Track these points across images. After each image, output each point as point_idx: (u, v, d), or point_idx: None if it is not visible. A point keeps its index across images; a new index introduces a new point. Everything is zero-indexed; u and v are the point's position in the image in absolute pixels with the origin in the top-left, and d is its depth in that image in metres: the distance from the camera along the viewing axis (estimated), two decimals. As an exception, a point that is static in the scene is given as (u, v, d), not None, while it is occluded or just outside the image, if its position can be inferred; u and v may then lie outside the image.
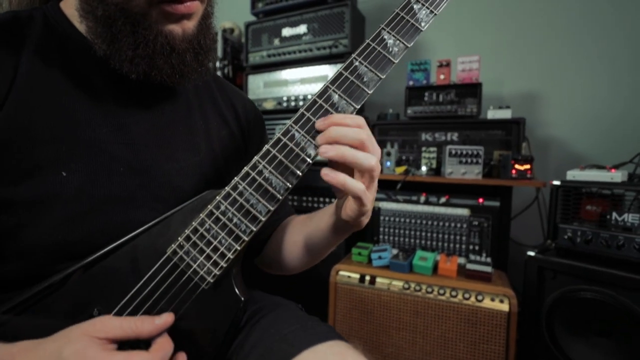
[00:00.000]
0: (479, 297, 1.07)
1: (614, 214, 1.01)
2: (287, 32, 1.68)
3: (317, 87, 1.61)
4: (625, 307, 0.94)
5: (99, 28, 0.39)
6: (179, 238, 0.39)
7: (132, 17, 0.38)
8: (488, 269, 1.13)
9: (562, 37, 1.56)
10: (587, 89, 1.51)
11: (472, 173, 1.28)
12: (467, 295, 1.08)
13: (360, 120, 0.41)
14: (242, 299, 0.40)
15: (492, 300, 1.06)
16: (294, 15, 1.65)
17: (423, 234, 1.36)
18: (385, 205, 1.42)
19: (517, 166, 1.22)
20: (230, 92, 0.60)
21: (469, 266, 1.15)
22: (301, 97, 1.66)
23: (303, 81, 1.66)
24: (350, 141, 0.38)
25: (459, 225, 1.31)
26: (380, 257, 1.25)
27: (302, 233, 0.53)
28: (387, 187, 1.40)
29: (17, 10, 0.43)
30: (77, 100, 0.41)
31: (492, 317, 1.05)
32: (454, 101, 1.45)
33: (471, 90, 1.42)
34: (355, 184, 0.39)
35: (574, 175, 1.10)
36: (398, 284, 1.17)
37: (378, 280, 1.20)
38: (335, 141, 0.38)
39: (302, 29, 1.65)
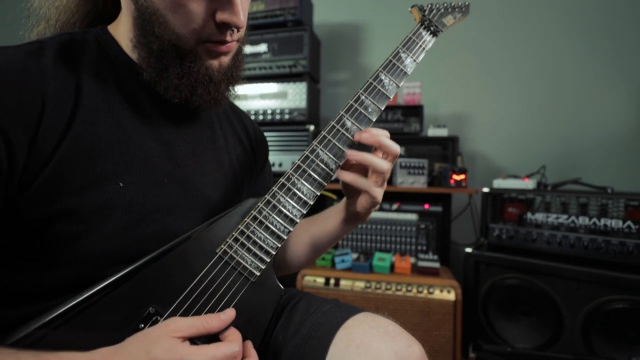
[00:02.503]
0: (431, 290, 1.23)
1: (528, 214, 1.26)
2: (247, 49, 1.75)
3: (275, 103, 1.71)
4: (541, 289, 1.17)
5: (151, 59, 0.44)
6: (228, 239, 0.45)
7: (181, 52, 0.43)
8: (436, 265, 1.31)
9: (484, 66, 1.87)
10: (504, 110, 1.83)
11: (418, 182, 1.47)
12: (420, 289, 1.24)
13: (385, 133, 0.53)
14: (282, 287, 0.47)
15: (441, 291, 1.24)
16: (255, 34, 1.73)
17: (379, 237, 1.51)
18: (344, 213, 1.55)
19: (454, 176, 1.44)
20: (240, 113, 0.67)
21: (420, 264, 1.32)
22: (261, 111, 1.73)
23: (263, 96, 1.74)
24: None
25: (409, 228, 1.49)
26: (343, 261, 1.36)
27: (307, 233, 0.62)
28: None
29: (72, 32, 0.46)
30: (130, 119, 0.45)
31: (442, 306, 1.22)
32: (400, 120, 1.66)
33: (414, 111, 1.64)
34: (369, 183, 0.51)
35: (498, 183, 1.34)
36: (360, 284, 1.29)
37: (342, 282, 1.31)
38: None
39: (262, 47, 1.73)
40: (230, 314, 0.40)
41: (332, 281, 1.32)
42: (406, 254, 1.45)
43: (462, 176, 1.44)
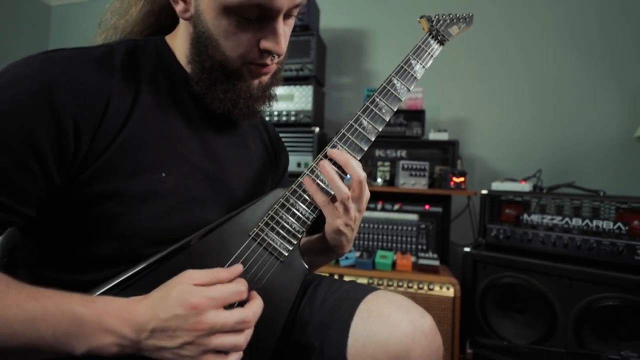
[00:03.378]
0: (431, 286, 1.29)
1: (524, 215, 1.32)
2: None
3: (282, 105, 1.77)
4: (536, 287, 1.22)
5: (203, 74, 0.50)
6: (260, 224, 0.51)
7: (228, 71, 0.49)
8: (436, 262, 1.36)
9: (484, 73, 1.93)
10: (502, 116, 1.89)
11: (420, 184, 1.53)
12: (421, 285, 1.30)
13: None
14: (307, 267, 0.53)
15: (441, 288, 1.29)
16: (263, 39, 1.79)
17: (380, 236, 1.57)
18: (348, 212, 1.61)
19: (454, 179, 1.50)
20: (266, 123, 0.72)
21: (421, 261, 1.38)
22: (268, 113, 1.79)
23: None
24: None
25: (409, 228, 1.55)
26: (346, 258, 1.42)
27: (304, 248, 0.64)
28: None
29: (136, 39, 0.52)
30: (176, 120, 0.51)
31: (442, 302, 1.28)
32: (402, 124, 1.72)
33: (416, 115, 1.70)
34: (343, 186, 0.52)
35: (496, 186, 1.40)
36: (363, 280, 1.35)
37: (346, 278, 1.37)
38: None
39: (270, 51, 1.79)
40: (238, 268, 0.45)
41: (336, 277, 1.37)
42: (407, 253, 1.51)
43: (462, 179, 1.50)
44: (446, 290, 1.29)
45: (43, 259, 0.47)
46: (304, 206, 0.53)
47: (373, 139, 0.59)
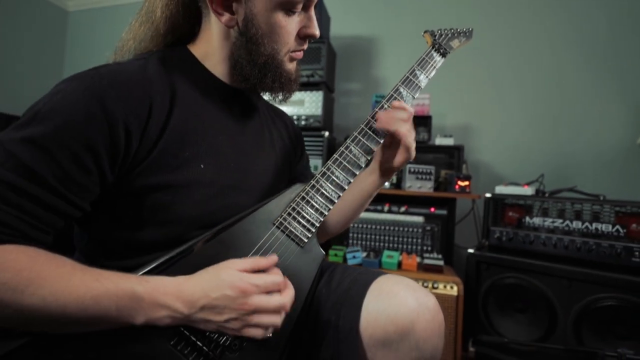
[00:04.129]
0: (435, 285, 1.34)
1: (527, 218, 1.37)
2: (268, 60, 1.88)
3: (293, 109, 1.84)
4: (537, 288, 1.27)
5: (255, 69, 0.57)
6: (282, 214, 0.58)
7: (276, 62, 0.58)
8: (440, 262, 1.42)
9: (489, 80, 1.99)
10: (507, 122, 1.95)
11: (425, 187, 1.58)
12: (426, 284, 1.35)
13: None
14: (324, 253, 0.60)
15: (445, 287, 1.34)
16: (276, 46, 1.86)
17: (386, 237, 1.62)
18: (355, 213, 1.67)
19: (459, 182, 1.56)
20: (279, 111, 0.80)
21: (426, 261, 1.43)
22: (279, 118, 1.86)
23: (281, 103, 1.87)
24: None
25: (415, 229, 1.60)
26: (354, 257, 1.48)
27: (343, 199, 0.72)
28: (357, 198, 1.65)
29: (163, 50, 0.59)
30: (208, 117, 0.58)
31: (445, 300, 1.33)
32: (409, 128, 1.77)
33: (423, 121, 1.76)
34: (409, 136, 0.65)
35: (500, 190, 1.45)
36: (370, 279, 1.40)
37: (353, 276, 1.42)
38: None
39: (282, 58, 1.87)
40: (274, 258, 0.53)
41: (343, 275, 1.43)
42: (413, 253, 1.56)
43: (467, 182, 1.55)
44: (450, 289, 1.34)
45: (97, 245, 0.54)
46: (321, 199, 0.61)
47: (381, 142, 0.66)
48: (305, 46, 0.61)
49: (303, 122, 1.82)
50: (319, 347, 0.58)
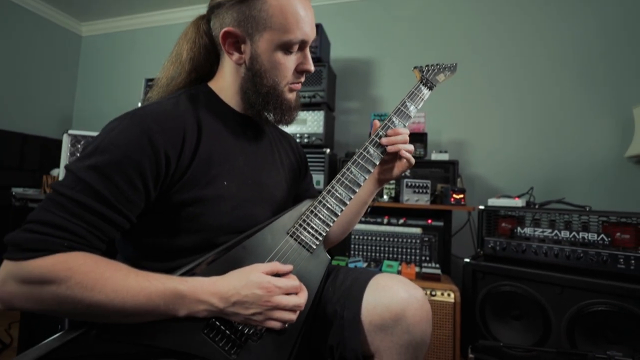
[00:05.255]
0: (433, 293, 1.41)
1: (518, 229, 1.45)
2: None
3: (296, 128, 1.94)
4: (530, 295, 1.33)
5: (259, 99, 0.67)
6: (295, 224, 0.68)
7: (277, 92, 0.68)
8: (438, 271, 1.49)
9: (482, 99, 2.10)
10: (499, 138, 2.05)
11: (422, 200, 1.67)
12: (424, 292, 1.41)
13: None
14: (330, 257, 0.69)
15: (442, 294, 1.41)
16: (279, 69, 1.99)
17: (386, 248, 1.70)
18: (355, 226, 1.74)
19: (454, 195, 1.64)
20: (287, 136, 0.91)
21: (424, 270, 1.50)
22: (283, 136, 1.96)
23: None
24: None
25: (413, 240, 1.67)
26: (355, 267, 1.54)
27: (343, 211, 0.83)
28: (357, 211, 1.73)
29: (189, 89, 0.70)
30: (228, 141, 0.68)
31: (443, 307, 1.39)
32: (406, 145, 1.87)
33: (419, 137, 1.86)
34: (408, 151, 0.76)
35: (493, 202, 1.53)
36: (371, 288, 1.47)
37: (355, 285, 1.49)
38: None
39: (285, 80, 1.99)
40: (290, 266, 0.63)
41: (346, 285, 1.49)
42: (411, 263, 1.63)
43: (461, 195, 1.63)
44: (447, 296, 1.40)
45: (139, 251, 0.64)
46: (327, 212, 0.70)
47: (377, 163, 0.76)
48: (303, 79, 0.72)
49: (306, 140, 1.92)
50: (327, 335, 0.67)
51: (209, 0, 0.70)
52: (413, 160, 0.78)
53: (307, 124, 1.94)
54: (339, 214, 0.71)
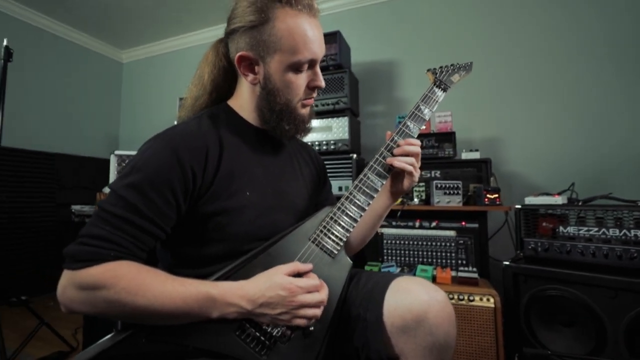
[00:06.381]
0: (471, 298, 1.35)
1: (561, 228, 1.35)
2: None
3: (322, 136, 1.96)
4: (580, 299, 1.23)
5: (273, 115, 0.71)
6: (316, 231, 0.70)
7: (290, 109, 0.71)
8: (475, 275, 1.43)
9: (514, 93, 2.01)
10: (534, 133, 1.94)
11: (454, 202, 1.61)
12: (461, 297, 1.36)
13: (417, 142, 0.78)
14: (351, 262, 0.71)
15: (481, 299, 1.35)
16: (303, 79, 2.03)
17: (419, 252, 1.66)
18: (387, 231, 1.72)
19: (488, 195, 1.57)
20: (306, 146, 0.94)
21: (460, 274, 1.45)
22: (309, 143, 1.98)
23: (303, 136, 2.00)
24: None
25: (447, 244, 1.62)
26: (389, 272, 1.52)
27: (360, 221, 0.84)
28: (387, 216, 1.70)
29: (210, 109, 0.76)
30: (248, 154, 0.72)
31: (482, 313, 1.33)
32: (434, 146, 1.83)
33: (447, 137, 1.81)
34: (409, 167, 0.76)
35: (530, 200, 1.45)
36: (405, 294, 1.44)
37: (388, 292, 1.46)
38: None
39: (309, 89, 2.02)
40: (309, 265, 0.66)
41: (378, 292, 1.47)
42: (447, 267, 1.58)
43: (496, 195, 1.56)
44: (486, 301, 1.34)
45: (175, 259, 0.69)
46: (347, 218, 0.72)
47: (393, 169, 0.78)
48: (315, 94, 0.75)
49: (332, 147, 1.93)
50: (351, 338, 0.69)
51: (226, 26, 0.74)
52: (416, 177, 0.79)
53: (332, 131, 1.95)
54: (358, 219, 0.72)
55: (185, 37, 3.22)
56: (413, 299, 0.64)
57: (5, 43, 1.68)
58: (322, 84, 0.73)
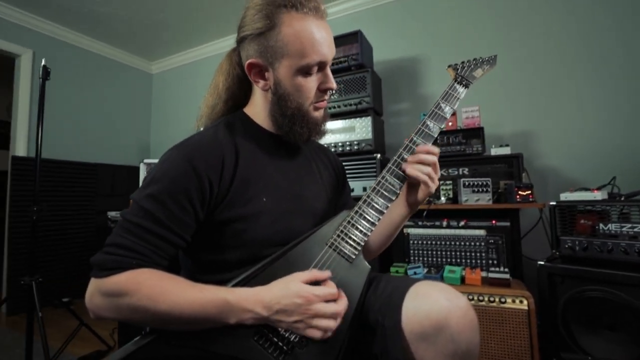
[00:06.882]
0: (502, 300, 1.30)
1: (601, 225, 1.27)
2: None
3: (345, 136, 1.96)
4: (624, 301, 1.15)
5: (285, 120, 0.71)
6: (333, 235, 0.70)
7: (302, 112, 0.71)
8: (507, 276, 1.37)
9: (546, 84, 1.91)
10: (571, 125, 1.83)
11: (483, 200, 1.55)
12: (492, 299, 1.31)
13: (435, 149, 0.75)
14: (370, 267, 0.69)
15: (513, 301, 1.29)
16: (324, 80, 2.03)
17: (447, 252, 1.61)
18: (413, 231, 1.69)
19: (520, 192, 1.50)
20: (325, 148, 0.94)
21: (491, 275, 1.39)
22: (332, 145, 1.99)
23: (333, 132, 2.00)
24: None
25: (477, 243, 1.57)
26: (415, 273, 1.49)
27: (378, 227, 0.83)
28: (413, 215, 1.65)
29: (227, 117, 0.77)
30: (264, 160, 0.73)
31: (515, 316, 1.27)
32: (461, 142, 1.77)
33: (475, 133, 1.75)
34: (423, 176, 0.73)
35: (565, 196, 1.37)
36: (433, 295, 1.40)
37: (415, 293, 1.43)
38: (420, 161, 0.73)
39: (331, 90, 2.02)
40: (328, 272, 0.65)
41: (406, 293, 1.45)
42: (476, 268, 1.52)
43: (528, 191, 1.49)
44: (519, 303, 1.28)
45: (196, 265, 0.71)
46: (365, 222, 0.71)
47: None
48: (326, 96, 0.74)
49: (355, 147, 1.92)
50: (370, 344, 0.67)
51: (236, 35, 0.76)
52: (432, 187, 0.75)
53: (355, 131, 1.94)
54: (377, 223, 0.71)
55: (209, 45, 3.32)
56: (432, 304, 0.62)
57: (43, 63, 1.80)
58: (333, 85, 0.72)
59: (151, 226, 0.60)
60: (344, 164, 0.92)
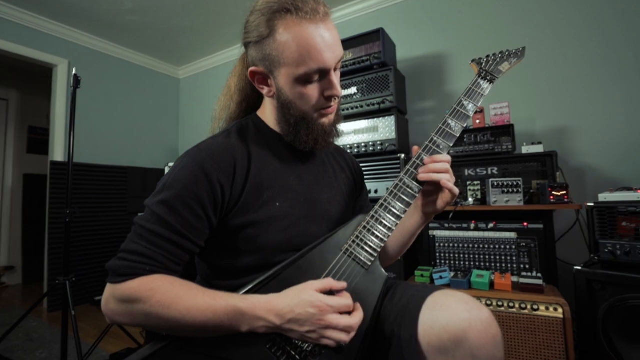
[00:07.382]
0: (534, 307, 1.23)
1: (647, 228, 1.18)
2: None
3: (368, 137, 1.92)
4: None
5: (290, 128, 0.70)
6: (348, 241, 0.67)
7: (306, 120, 0.69)
8: (540, 281, 1.29)
9: (581, 78, 1.79)
10: (610, 120, 1.71)
11: (514, 201, 1.48)
12: (523, 306, 1.24)
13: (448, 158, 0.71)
14: (386, 274, 0.67)
15: (547, 309, 1.22)
16: (346, 79, 2.01)
17: (475, 256, 1.55)
18: (439, 233, 1.63)
19: (554, 192, 1.42)
20: (342, 151, 0.92)
21: (523, 280, 1.32)
22: (355, 145, 1.96)
23: (356, 132, 1.98)
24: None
25: (507, 246, 1.49)
26: (441, 277, 1.44)
27: (394, 234, 0.80)
28: (439, 217, 1.62)
29: (239, 120, 0.77)
30: (278, 164, 0.72)
31: (549, 324, 1.20)
32: (490, 141, 1.69)
33: (505, 130, 1.67)
34: (450, 183, 0.69)
35: (605, 197, 1.28)
36: (460, 300, 1.35)
37: (441, 297, 1.39)
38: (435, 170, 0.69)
39: (353, 90, 2.00)
40: (344, 283, 0.62)
41: (431, 297, 1.40)
42: (507, 272, 1.45)
43: (563, 192, 1.40)
44: (553, 311, 1.21)
45: (211, 271, 0.71)
46: (381, 228, 0.68)
47: None
48: (333, 103, 0.70)
49: (379, 147, 1.89)
50: (386, 356, 0.65)
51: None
52: (454, 190, 0.70)
53: (378, 131, 1.91)
54: (394, 228, 0.68)
55: (234, 49, 3.38)
56: (450, 317, 0.58)
57: (74, 72, 1.88)
58: (338, 92, 0.67)
59: (164, 232, 0.60)
60: (367, 164, 0.89)
